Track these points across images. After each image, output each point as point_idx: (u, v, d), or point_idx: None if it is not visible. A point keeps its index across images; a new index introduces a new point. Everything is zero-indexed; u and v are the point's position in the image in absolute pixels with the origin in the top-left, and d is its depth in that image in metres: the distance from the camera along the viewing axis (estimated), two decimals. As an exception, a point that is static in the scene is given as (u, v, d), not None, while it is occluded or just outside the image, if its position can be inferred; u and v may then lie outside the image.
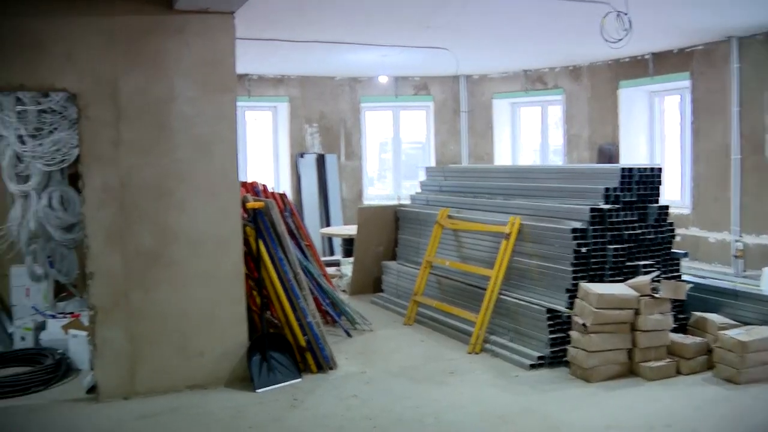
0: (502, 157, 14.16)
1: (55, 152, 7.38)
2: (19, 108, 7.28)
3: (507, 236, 7.23)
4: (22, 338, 7.54)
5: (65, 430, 5.63)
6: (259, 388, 6.22)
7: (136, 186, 6.08)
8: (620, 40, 7.57)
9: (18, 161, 7.52)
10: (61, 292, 8.25)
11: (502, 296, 7.22)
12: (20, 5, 5.83)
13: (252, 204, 6.69)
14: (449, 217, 8.34)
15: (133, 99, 6.09)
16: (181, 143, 6.19)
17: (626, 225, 6.91)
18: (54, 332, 7.40)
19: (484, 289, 7.34)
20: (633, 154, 12.08)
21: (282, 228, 6.85)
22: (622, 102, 12.10)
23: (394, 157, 14.66)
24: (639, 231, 6.96)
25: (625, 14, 7.42)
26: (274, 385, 6.30)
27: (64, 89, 6.10)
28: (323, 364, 6.69)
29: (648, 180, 7.05)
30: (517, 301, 7.07)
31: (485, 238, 7.77)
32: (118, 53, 6.04)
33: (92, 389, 6.26)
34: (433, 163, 13.91)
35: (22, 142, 7.35)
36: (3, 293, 8.22)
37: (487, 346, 7.16)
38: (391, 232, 9.83)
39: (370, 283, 9.90)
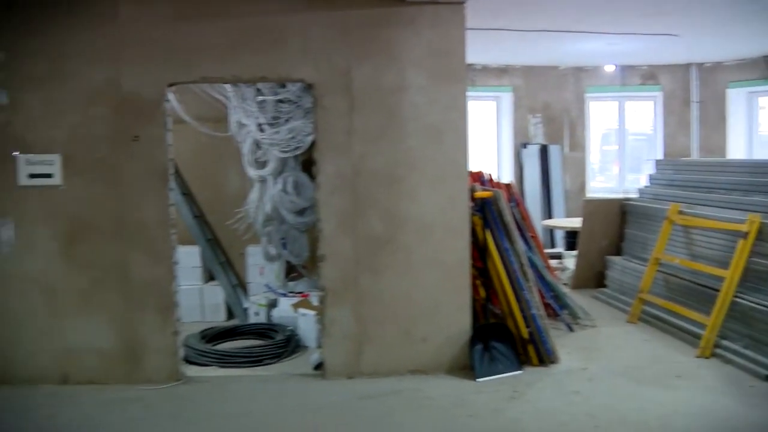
0: (736, 151, 13.31)
1: (290, 140, 7.76)
2: (259, 98, 7.71)
3: (745, 235, 6.79)
4: (256, 313, 8.00)
5: (295, 403, 5.90)
6: (480, 378, 6.23)
7: (367, 173, 6.26)
8: None
9: (257, 148, 7.98)
10: (291, 272, 8.65)
11: (736, 299, 6.78)
12: (263, 3, 6.20)
13: (480, 193, 6.70)
14: (680, 212, 7.95)
15: (366, 89, 6.25)
16: (411, 132, 6.29)
17: None
18: (284, 310, 7.79)
19: (717, 290, 6.93)
20: None
21: (509, 218, 6.80)
22: None
23: (620, 149, 14.18)
24: None
25: None
26: (494, 375, 6.29)
27: (302, 80, 6.38)
28: (545, 357, 6.60)
29: None
30: (754, 305, 6.61)
31: (719, 237, 7.33)
32: (351, 45, 6.23)
33: (318, 366, 6.53)
34: (659, 156, 13.32)
35: (261, 131, 7.78)
36: (240, 271, 8.77)
37: (718, 350, 6.76)
38: (616, 226, 9.50)
39: (593, 278, 9.63)
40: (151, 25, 6.18)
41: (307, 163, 7.78)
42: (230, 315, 8.56)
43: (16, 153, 6.22)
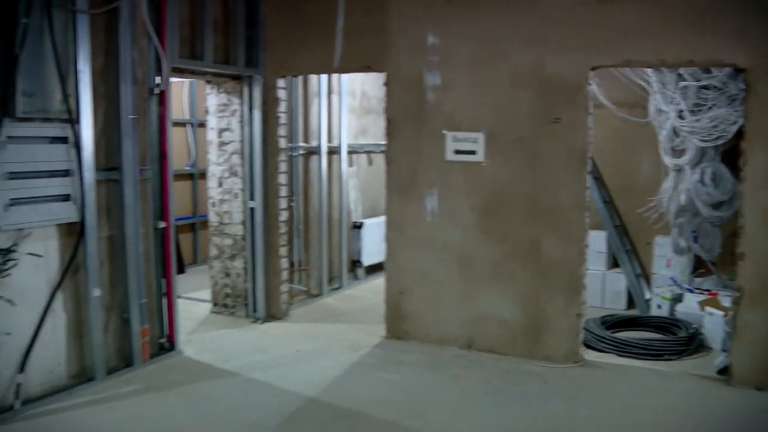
0: None
1: (711, 128, 7.38)
2: (681, 84, 7.43)
3: None
4: (659, 306, 7.82)
5: (693, 405, 5.66)
6: None
7: (803, 168, 5.70)
8: None
9: (674, 136, 7.72)
10: (698, 267, 8.27)
11: None
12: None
13: None
14: None
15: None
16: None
17: None
18: (690, 306, 7.51)
19: None
20: None
21: None
22: None
23: None
24: None
25: None
26: None
27: (733, 65, 5.99)
28: None
29: None
30: None
31: None
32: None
33: (723, 371, 6.18)
34: None
35: (681, 118, 7.51)
36: (644, 260, 8.59)
37: None
38: None
39: None
40: (575, 9, 6.22)
41: (728, 154, 7.36)
42: (630, 304, 8.45)
43: (445, 131, 6.68)
